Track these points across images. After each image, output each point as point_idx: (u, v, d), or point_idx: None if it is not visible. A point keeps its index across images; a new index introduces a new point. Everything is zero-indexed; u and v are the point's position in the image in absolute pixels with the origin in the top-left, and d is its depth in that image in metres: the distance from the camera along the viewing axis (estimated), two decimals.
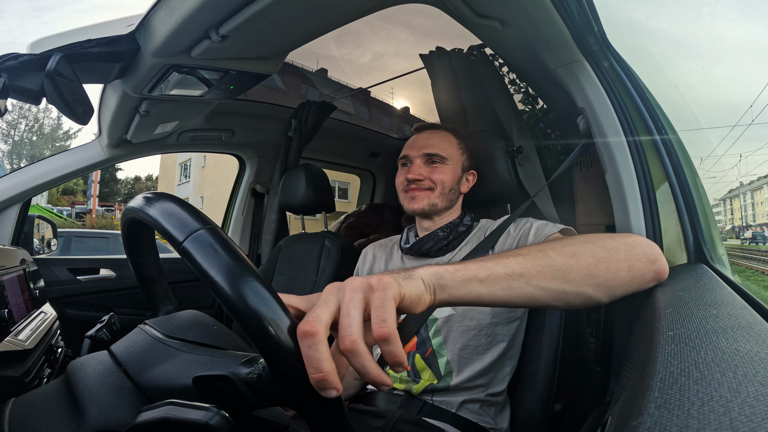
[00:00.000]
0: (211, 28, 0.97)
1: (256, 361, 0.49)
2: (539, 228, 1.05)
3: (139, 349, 0.61)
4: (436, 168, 1.17)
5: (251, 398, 0.49)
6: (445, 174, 1.17)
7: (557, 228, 1.03)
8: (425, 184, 1.16)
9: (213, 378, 0.49)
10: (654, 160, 1.02)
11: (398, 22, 1.89)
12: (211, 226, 0.47)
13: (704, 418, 0.28)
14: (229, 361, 0.55)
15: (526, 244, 1.04)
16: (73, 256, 2.42)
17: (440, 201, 1.17)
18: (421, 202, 1.16)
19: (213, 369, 0.54)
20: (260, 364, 0.48)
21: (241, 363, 0.50)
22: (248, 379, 0.48)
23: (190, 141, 2.06)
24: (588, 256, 0.62)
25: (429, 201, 1.16)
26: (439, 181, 1.16)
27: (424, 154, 1.18)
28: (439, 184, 1.16)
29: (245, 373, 0.48)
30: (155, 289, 0.76)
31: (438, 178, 1.16)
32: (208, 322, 0.69)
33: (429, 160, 1.18)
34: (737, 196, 18.72)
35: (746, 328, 0.47)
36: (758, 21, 78.09)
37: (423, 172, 1.17)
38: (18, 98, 0.98)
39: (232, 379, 0.48)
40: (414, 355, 1.08)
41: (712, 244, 0.99)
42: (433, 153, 1.17)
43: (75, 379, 0.58)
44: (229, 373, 0.48)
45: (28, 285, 1.33)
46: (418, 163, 1.18)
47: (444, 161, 1.18)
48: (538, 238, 1.03)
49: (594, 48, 1.05)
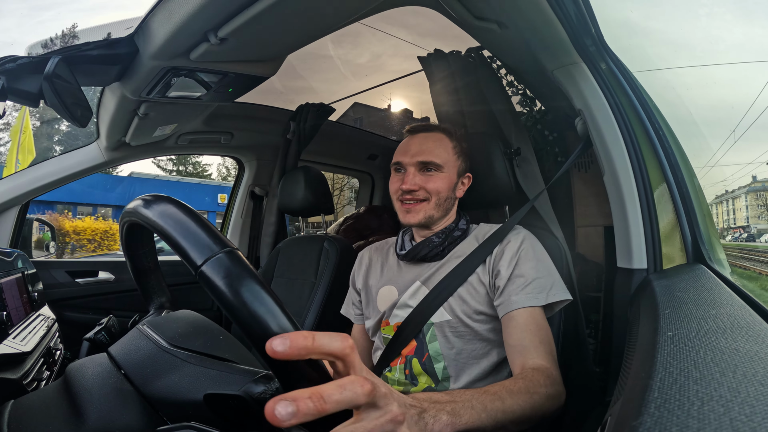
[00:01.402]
0: (210, 31, 0.98)
1: (269, 379, 0.49)
2: (516, 274, 1.02)
3: (143, 358, 0.60)
4: (431, 177, 1.12)
5: (263, 417, 0.48)
6: (441, 183, 1.12)
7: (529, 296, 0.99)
8: (420, 194, 1.12)
9: (225, 396, 0.49)
10: (652, 161, 1.02)
11: (396, 25, 1.89)
12: (229, 249, 0.45)
13: (704, 418, 0.28)
14: (240, 377, 0.54)
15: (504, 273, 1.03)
16: (71, 259, 2.41)
17: (436, 212, 1.13)
18: (417, 216, 1.11)
19: (224, 385, 0.54)
20: (274, 384, 0.48)
21: (253, 381, 0.50)
22: (261, 399, 0.48)
23: (189, 143, 2.06)
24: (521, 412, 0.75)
25: (425, 214, 1.11)
26: (435, 191, 1.11)
27: (418, 162, 1.12)
28: (434, 195, 1.11)
29: (258, 392, 0.48)
30: (149, 281, 0.76)
31: (433, 187, 1.11)
32: (212, 328, 0.68)
33: (423, 168, 1.12)
34: (722, 203, 20.85)
35: (745, 328, 0.47)
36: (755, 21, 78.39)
37: (417, 181, 1.11)
38: (17, 101, 0.98)
39: (246, 399, 0.48)
40: (411, 359, 1.07)
41: (710, 244, 0.99)
42: (427, 161, 1.11)
43: (74, 381, 0.57)
44: (242, 393, 0.48)
45: (27, 288, 1.33)
46: (412, 171, 1.12)
47: (439, 169, 1.12)
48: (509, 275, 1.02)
49: (591, 50, 1.06)
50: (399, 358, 1.09)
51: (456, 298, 1.05)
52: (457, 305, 1.05)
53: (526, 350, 0.93)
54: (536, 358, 0.92)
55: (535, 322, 0.97)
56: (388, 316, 1.14)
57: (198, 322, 0.70)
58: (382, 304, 1.16)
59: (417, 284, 1.11)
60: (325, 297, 1.70)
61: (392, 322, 1.13)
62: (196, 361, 0.58)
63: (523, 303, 0.98)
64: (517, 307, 0.98)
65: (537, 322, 0.97)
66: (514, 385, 0.80)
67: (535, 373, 0.86)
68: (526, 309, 0.98)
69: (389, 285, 1.17)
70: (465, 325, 1.04)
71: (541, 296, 0.99)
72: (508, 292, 1.00)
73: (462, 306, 1.05)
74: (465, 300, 1.05)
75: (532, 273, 1.01)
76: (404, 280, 1.15)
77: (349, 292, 1.32)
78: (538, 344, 0.94)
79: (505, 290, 1.01)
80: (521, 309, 0.98)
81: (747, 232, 18.73)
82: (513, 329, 0.97)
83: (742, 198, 23.53)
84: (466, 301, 1.05)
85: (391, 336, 1.11)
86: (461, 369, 1.04)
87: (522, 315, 0.97)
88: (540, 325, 0.97)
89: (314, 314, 1.68)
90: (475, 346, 1.05)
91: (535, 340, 0.94)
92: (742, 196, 23.54)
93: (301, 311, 1.71)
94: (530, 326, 0.96)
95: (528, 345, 0.94)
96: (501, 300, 1.01)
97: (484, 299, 1.05)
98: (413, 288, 1.11)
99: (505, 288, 1.01)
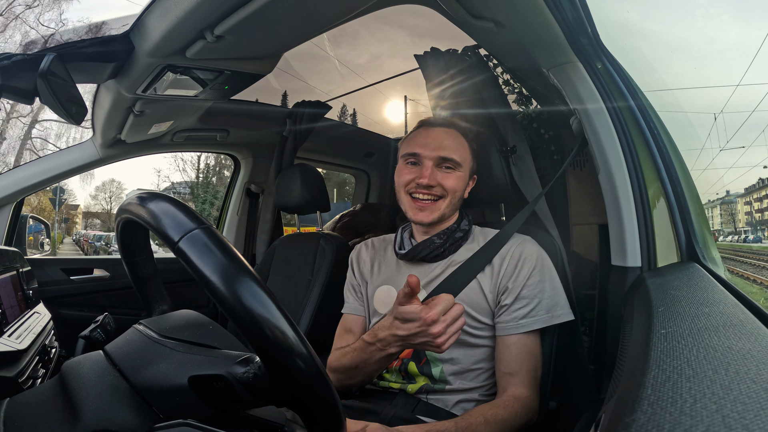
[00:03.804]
0: (206, 29, 0.97)
1: (251, 360, 0.50)
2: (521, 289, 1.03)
3: (134, 349, 0.60)
4: (449, 174, 1.08)
5: (247, 397, 0.49)
6: (458, 182, 1.08)
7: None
8: (437, 191, 1.07)
9: (209, 377, 0.49)
10: (646, 159, 1.03)
11: (393, 23, 1.89)
12: (206, 226, 0.47)
13: (696, 415, 0.29)
14: (224, 360, 0.55)
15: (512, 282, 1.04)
16: (66, 257, 2.40)
17: (448, 210, 1.09)
18: (431, 215, 1.08)
19: (209, 368, 0.54)
20: (256, 363, 0.48)
21: (236, 362, 0.50)
22: (244, 379, 0.48)
23: (185, 141, 2.05)
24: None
25: (439, 212, 1.08)
26: (451, 189, 1.07)
27: (438, 157, 1.07)
28: (450, 193, 1.08)
29: (241, 372, 0.48)
30: (150, 289, 0.76)
31: (450, 185, 1.07)
32: (203, 321, 0.69)
33: (442, 163, 1.08)
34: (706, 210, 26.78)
35: (738, 326, 0.47)
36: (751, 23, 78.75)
37: (436, 177, 1.07)
38: (11, 98, 0.97)
39: (228, 379, 0.48)
40: (408, 362, 1.07)
41: (704, 243, 0.99)
42: (448, 157, 1.07)
43: (69, 379, 0.57)
44: (225, 373, 0.49)
45: (22, 285, 1.32)
46: (430, 166, 1.07)
47: (458, 167, 1.08)
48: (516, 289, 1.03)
49: (587, 49, 1.06)
50: (396, 361, 1.09)
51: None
52: None
53: (513, 377, 0.99)
54: (520, 386, 0.98)
55: (528, 349, 1.01)
56: None
57: (190, 316, 0.70)
58: (381, 305, 1.15)
59: None
60: (321, 294, 1.70)
61: None
62: (183, 348, 0.59)
63: (523, 328, 1.00)
64: (516, 332, 1.00)
65: (530, 349, 1.01)
66: (494, 415, 0.91)
67: (516, 403, 0.95)
68: (523, 334, 1.01)
69: (387, 285, 1.16)
70: (464, 332, 1.03)
71: (544, 318, 1.01)
72: (510, 315, 1.01)
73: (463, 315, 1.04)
74: (465, 309, 1.03)
75: (539, 295, 1.02)
76: (404, 281, 1.13)
77: (350, 284, 1.27)
78: (525, 372, 0.99)
79: (508, 310, 1.02)
80: (519, 334, 1.00)
81: (720, 234, 26.33)
82: (506, 354, 1.01)
83: (718, 208, 33.04)
84: (466, 310, 1.02)
85: None
86: (459, 373, 1.04)
87: (518, 341, 1.00)
88: (531, 353, 1.01)
89: (310, 311, 1.68)
90: (473, 351, 1.05)
91: (522, 370, 0.99)
92: (717, 206, 32.97)
93: (298, 308, 1.71)
94: (522, 354, 1.00)
95: (516, 372, 0.99)
96: (501, 320, 1.02)
97: (486, 311, 1.04)
98: None
99: (509, 308, 1.02)
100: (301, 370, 0.44)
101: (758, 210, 36.88)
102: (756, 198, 37.08)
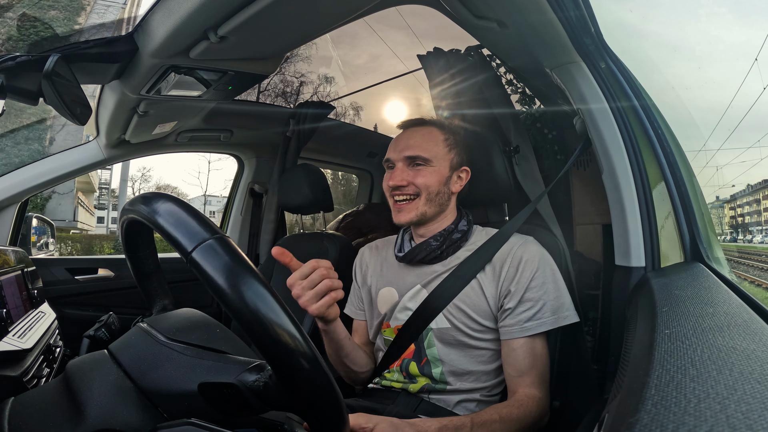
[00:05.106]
0: (210, 29, 0.97)
1: (262, 368, 0.50)
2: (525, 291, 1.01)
3: (141, 351, 0.61)
4: (420, 171, 1.08)
5: (256, 404, 0.49)
6: (430, 177, 1.08)
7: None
8: (409, 189, 1.08)
9: (219, 385, 0.49)
10: (650, 159, 1.02)
11: (396, 24, 1.89)
12: (219, 236, 0.46)
13: (701, 416, 0.29)
14: (234, 367, 0.55)
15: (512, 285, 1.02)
16: (71, 257, 2.41)
17: (428, 208, 1.09)
18: (408, 215, 1.08)
19: (218, 375, 0.54)
20: (267, 372, 0.48)
21: (246, 370, 0.50)
22: (255, 387, 0.48)
23: (189, 141, 2.05)
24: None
25: (417, 212, 1.08)
26: (423, 185, 1.07)
27: (405, 157, 1.09)
28: (423, 189, 1.07)
29: (252, 380, 0.48)
30: (152, 284, 0.76)
31: (422, 182, 1.07)
32: (210, 323, 0.69)
33: (411, 162, 1.09)
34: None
35: (742, 326, 0.47)
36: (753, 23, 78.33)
37: (406, 176, 1.08)
38: (16, 99, 0.98)
39: (239, 387, 0.48)
40: (409, 363, 1.08)
41: (708, 243, 0.99)
42: (414, 155, 1.08)
43: (74, 378, 0.58)
44: (236, 381, 0.49)
45: (27, 285, 1.33)
46: (400, 167, 1.10)
47: (427, 163, 1.08)
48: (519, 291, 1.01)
49: (591, 49, 1.06)
50: (397, 361, 1.10)
51: (457, 309, 1.04)
52: (458, 315, 1.04)
53: (523, 378, 0.98)
54: (532, 387, 0.97)
55: (535, 352, 1.00)
56: (389, 318, 1.14)
57: (196, 317, 0.70)
58: (383, 305, 1.15)
59: (417, 287, 1.10)
60: None
61: (393, 325, 1.12)
62: (192, 353, 0.59)
63: (528, 332, 0.99)
64: (521, 335, 0.99)
65: (537, 352, 1.00)
66: (509, 414, 0.90)
67: (530, 402, 0.95)
68: (529, 337, 1.00)
69: (389, 286, 1.16)
70: (465, 334, 1.04)
71: (550, 320, 1.00)
72: (515, 318, 1.00)
73: (463, 318, 1.04)
74: (466, 312, 1.03)
75: (544, 297, 1.01)
76: (404, 282, 1.14)
77: (353, 287, 1.29)
78: (535, 374, 0.98)
79: (513, 313, 1.01)
80: (525, 338, 0.99)
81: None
82: (513, 358, 1.00)
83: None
84: (467, 313, 1.03)
85: (392, 338, 1.11)
86: (460, 374, 1.04)
87: (525, 345, 0.99)
88: (538, 354, 1.00)
89: None
90: (473, 353, 1.05)
91: (532, 371, 0.99)
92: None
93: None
94: (530, 357, 0.99)
95: (525, 373, 0.99)
96: (506, 323, 1.01)
97: (487, 314, 1.04)
98: (413, 291, 1.10)
99: (513, 311, 1.01)
100: (315, 383, 0.45)
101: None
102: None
